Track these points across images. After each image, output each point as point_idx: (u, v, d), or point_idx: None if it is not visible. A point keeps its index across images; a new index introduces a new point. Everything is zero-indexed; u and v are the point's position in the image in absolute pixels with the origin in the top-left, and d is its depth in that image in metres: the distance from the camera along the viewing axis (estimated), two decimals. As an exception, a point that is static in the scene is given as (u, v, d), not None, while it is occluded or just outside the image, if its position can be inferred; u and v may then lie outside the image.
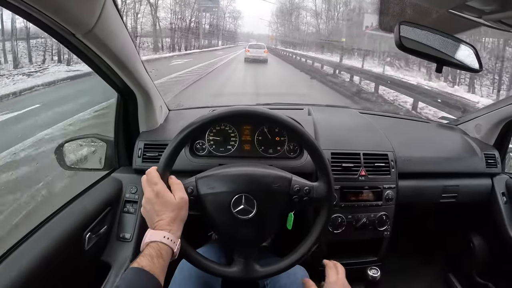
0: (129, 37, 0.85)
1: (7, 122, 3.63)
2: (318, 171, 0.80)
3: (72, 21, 0.65)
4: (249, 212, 0.74)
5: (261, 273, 0.78)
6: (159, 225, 0.67)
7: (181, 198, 0.71)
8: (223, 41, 33.04)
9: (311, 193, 0.78)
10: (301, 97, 8.88)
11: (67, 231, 0.82)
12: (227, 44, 34.06)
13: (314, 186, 0.79)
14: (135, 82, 0.98)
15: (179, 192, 0.72)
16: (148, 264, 0.60)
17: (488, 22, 0.69)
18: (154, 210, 0.69)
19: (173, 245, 0.66)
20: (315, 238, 0.79)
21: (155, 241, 0.64)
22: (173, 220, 0.68)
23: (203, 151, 1.13)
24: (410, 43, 0.80)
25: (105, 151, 1.12)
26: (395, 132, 1.28)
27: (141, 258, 0.61)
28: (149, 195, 0.70)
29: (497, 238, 1.29)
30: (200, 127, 0.76)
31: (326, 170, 0.79)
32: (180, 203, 0.70)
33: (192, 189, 0.76)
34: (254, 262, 0.79)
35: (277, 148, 1.15)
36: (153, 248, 0.63)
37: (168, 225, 0.67)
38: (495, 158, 1.32)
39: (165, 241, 0.64)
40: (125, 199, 1.05)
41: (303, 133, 0.78)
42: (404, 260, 1.52)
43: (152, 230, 0.66)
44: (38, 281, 0.71)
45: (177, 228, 0.69)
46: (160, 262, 0.62)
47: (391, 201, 1.12)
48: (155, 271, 0.60)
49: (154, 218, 0.68)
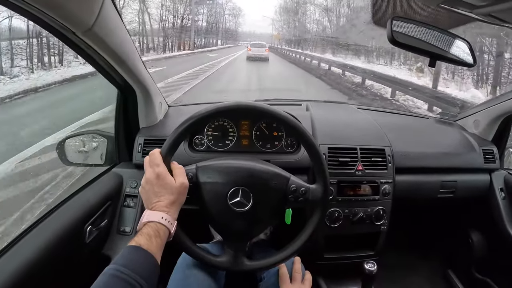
0: (127, 34, 0.87)
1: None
2: (316, 174, 0.81)
3: (72, 19, 0.67)
4: (245, 205, 0.76)
5: (248, 266, 0.80)
6: (157, 206, 0.68)
7: (182, 183, 0.72)
8: (222, 41, 31.54)
9: (307, 194, 0.79)
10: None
11: (68, 224, 0.84)
12: (226, 43, 32.74)
13: (310, 188, 0.80)
14: (135, 79, 1.00)
15: (180, 176, 0.73)
16: (146, 243, 0.61)
17: (479, 16, 0.70)
18: (153, 191, 0.69)
19: (170, 226, 0.67)
20: (306, 238, 0.80)
21: (153, 221, 0.65)
22: (172, 203, 0.69)
23: (201, 146, 1.15)
24: (403, 38, 0.81)
25: (106, 147, 1.14)
26: (393, 128, 1.29)
27: (139, 237, 0.62)
28: (149, 176, 0.71)
29: (495, 233, 1.30)
30: (208, 117, 0.77)
31: (324, 173, 0.80)
32: (180, 187, 0.71)
33: (191, 175, 0.77)
34: (243, 255, 0.80)
35: (275, 143, 1.16)
36: (151, 228, 0.64)
37: (166, 207, 0.68)
38: (493, 154, 1.33)
39: (163, 221, 0.66)
40: (125, 194, 1.07)
41: (304, 134, 0.79)
42: (402, 255, 1.52)
43: (150, 210, 0.68)
44: (39, 272, 0.73)
45: (175, 211, 0.70)
46: (158, 241, 0.63)
47: (388, 195, 1.13)
48: (152, 250, 0.61)
49: (152, 198, 0.69)
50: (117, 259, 0.58)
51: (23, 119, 3.93)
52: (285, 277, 0.84)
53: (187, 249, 0.79)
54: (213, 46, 28.39)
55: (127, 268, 0.56)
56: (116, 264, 0.57)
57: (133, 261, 0.58)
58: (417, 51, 0.85)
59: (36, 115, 4.25)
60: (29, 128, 3.62)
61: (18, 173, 2.70)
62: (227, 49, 28.45)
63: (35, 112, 4.43)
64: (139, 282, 0.55)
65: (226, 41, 33.33)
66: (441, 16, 0.87)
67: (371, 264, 0.98)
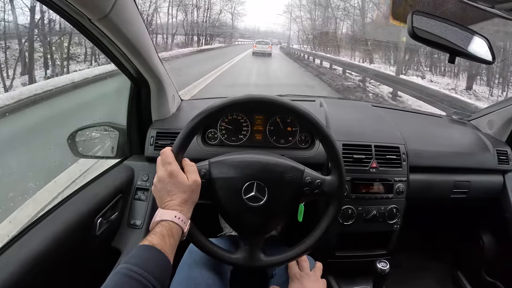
0: (143, 25, 0.86)
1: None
2: (331, 165, 0.80)
3: (88, 5, 0.66)
4: (260, 199, 0.75)
5: (265, 262, 0.79)
6: (170, 205, 0.67)
7: (194, 181, 0.71)
8: (208, 39, 24.65)
9: (322, 186, 0.77)
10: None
11: (78, 216, 0.84)
12: (213, 42, 25.71)
13: (326, 179, 0.78)
14: (149, 71, 0.99)
15: (193, 174, 0.72)
16: (160, 242, 0.60)
17: (501, 11, 0.68)
18: (165, 189, 0.68)
19: (184, 225, 0.66)
20: (321, 232, 0.79)
21: (166, 220, 0.64)
22: (185, 202, 0.68)
23: (214, 140, 1.14)
24: (423, 33, 0.80)
25: (117, 139, 1.13)
26: (407, 126, 1.28)
27: (152, 236, 0.61)
28: (162, 174, 0.70)
29: (507, 236, 1.28)
30: (218, 111, 0.76)
31: (339, 164, 0.78)
32: (193, 185, 0.70)
33: (204, 172, 0.76)
34: (259, 251, 0.79)
35: (289, 139, 1.15)
36: (164, 227, 0.63)
37: (179, 205, 0.67)
38: (507, 155, 1.31)
39: (176, 220, 0.65)
40: (136, 187, 1.06)
41: (319, 125, 0.78)
42: (413, 256, 1.51)
43: (163, 209, 0.67)
44: (48, 263, 0.72)
45: (188, 210, 0.69)
46: (171, 241, 0.62)
47: (402, 194, 1.11)
48: (165, 250, 0.60)
49: (165, 197, 0.68)
50: (130, 258, 0.57)
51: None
52: (293, 265, 0.85)
53: (201, 247, 0.77)
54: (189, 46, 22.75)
55: (140, 268, 0.55)
56: (128, 264, 0.56)
57: (146, 261, 0.57)
58: (437, 46, 0.84)
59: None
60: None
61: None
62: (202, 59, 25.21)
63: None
64: (152, 282, 0.54)
65: (214, 39, 26.54)
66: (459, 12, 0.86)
67: (384, 263, 0.96)
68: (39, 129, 2.44)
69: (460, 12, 0.87)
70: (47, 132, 2.38)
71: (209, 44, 23.61)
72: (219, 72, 11.26)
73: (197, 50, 20.29)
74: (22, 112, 2.65)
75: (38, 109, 2.92)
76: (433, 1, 0.88)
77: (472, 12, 0.86)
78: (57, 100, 3.39)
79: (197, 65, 12.98)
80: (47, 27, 4.14)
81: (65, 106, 3.26)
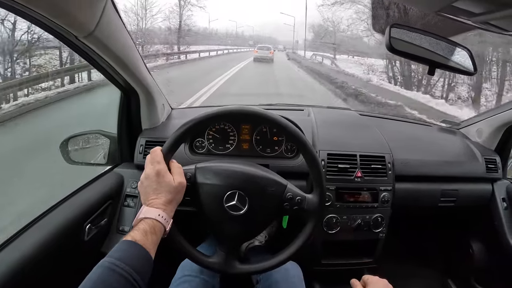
0: (129, 38, 0.89)
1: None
2: (313, 183, 0.81)
3: (73, 24, 0.69)
4: (240, 209, 0.76)
5: (239, 269, 0.80)
6: (154, 203, 0.69)
7: (180, 182, 0.73)
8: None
9: (302, 203, 0.78)
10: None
11: (67, 222, 0.86)
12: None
13: (306, 197, 0.79)
14: (137, 81, 1.02)
15: (179, 176, 0.74)
16: (142, 238, 0.62)
17: (478, 24, 0.69)
18: (151, 187, 0.70)
19: (166, 224, 0.68)
20: (296, 247, 0.80)
21: (149, 217, 0.66)
22: (169, 201, 0.70)
23: (202, 149, 1.16)
24: (401, 46, 0.80)
25: (108, 147, 1.16)
26: (394, 135, 1.29)
27: (135, 232, 0.63)
28: (149, 172, 0.72)
29: (496, 244, 1.28)
30: (209, 120, 0.78)
31: (321, 184, 0.79)
32: (178, 186, 0.72)
33: (190, 175, 0.78)
34: (234, 258, 0.81)
35: (275, 148, 1.17)
36: (147, 224, 0.65)
37: (163, 204, 0.69)
38: (496, 163, 1.31)
39: (159, 219, 0.66)
40: (126, 194, 1.08)
41: (305, 143, 0.79)
42: (402, 263, 1.51)
43: (147, 207, 0.68)
44: (36, 269, 0.74)
45: (171, 209, 0.71)
46: (153, 238, 0.64)
47: (387, 203, 1.12)
48: (147, 246, 0.62)
49: (150, 195, 0.70)
50: (113, 252, 0.59)
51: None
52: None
53: (179, 248, 0.79)
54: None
55: (123, 262, 0.57)
56: (112, 257, 0.58)
57: (129, 256, 0.59)
58: (416, 59, 0.84)
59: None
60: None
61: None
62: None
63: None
64: (134, 276, 0.56)
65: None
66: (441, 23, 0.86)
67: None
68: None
69: (441, 23, 0.88)
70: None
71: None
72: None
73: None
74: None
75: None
76: (412, 15, 0.89)
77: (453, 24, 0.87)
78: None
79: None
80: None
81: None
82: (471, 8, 0.60)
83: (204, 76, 10.49)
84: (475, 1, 0.57)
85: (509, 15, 0.54)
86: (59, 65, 4.53)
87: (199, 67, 14.60)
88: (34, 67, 4.20)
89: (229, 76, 11.52)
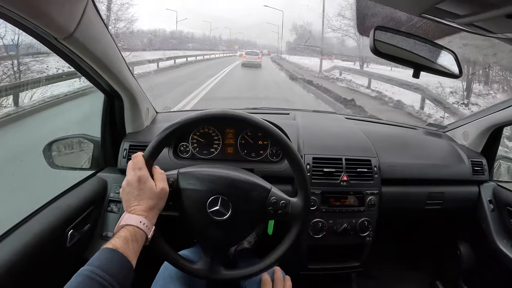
0: (111, 40, 0.88)
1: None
2: (298, 187, 0.80)
3: (52, 25, 0.67)
4: (223, 214, 0.75)
5: (224, 275, 0.79)
6: (136, 209, 0.68)
7: (162, 189, 0.72)
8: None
9: (287, 208, 0.78)
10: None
11: (48, 228, 0.84)
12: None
13: (290, 201, 0.79)
14: (120, 85, 1.00)
15: (161, 182, 0.73)
16: (122, 246, 0.60)
17: (463, 26, 0.69)
18: (133, 194, 0.69)
19: (148, 231, 0.67)
20: (281, 253, 0.79)
21: (131, 224, 0.65)
22: (151, 208, 0.69)
23: (186, 153, 1.15)
24: (386, 48, 0.81)
25: (92, 151, 1.14)
26: (380, 138, 1.29)
27: (116, 240, 0.61)
28: (131, 178, 0.70)
29: (483, 245, 1.29)
30: (191, 124, 0.78)
31: (306, 188, 0.79)
32: (161, 193, 0.71)
33: (172, 181, 0.77)
34: (219, 264, 0.80)
35: (260, 152, 1.16)
36: (128, 231, 0.63)
37: (145, 211, 0.68)
38: (482, 166, 1.32)
39: (141, 226, 0.65)
40: (109, 199, 1.07)
41: (288, 146, 0.79)
42: (390, 267, 1.51)
43: (129, 213, 0.67)
44: (18, 275, 0.72)
45: (153, 216, 0.70)
46: (134, 245, 0.63)
47: (374, 207, 1.12)
48: (128, 254, 0.60)
49: (131, 201, 0.69)
50: (93, 260, 0.58)
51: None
52: (268, 285, 0.84)
53: (163, 254, 0.78)
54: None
55: (102, 271, 0.56)
56: (91, 266, 0.57)
57: (109, 264, 0.58)
58: (400, 62, 0.85)
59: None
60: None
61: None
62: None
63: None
64: (113, 285, 0.55)
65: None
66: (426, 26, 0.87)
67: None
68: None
69: (426, 26, 0.88)
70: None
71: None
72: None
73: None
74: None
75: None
76: (398, 17, 0.89)
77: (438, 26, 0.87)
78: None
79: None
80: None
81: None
82: (455, 10, 0.60)
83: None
84: (459, 2, 0.57)
85: (493, 16, 0.55)
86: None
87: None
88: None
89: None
